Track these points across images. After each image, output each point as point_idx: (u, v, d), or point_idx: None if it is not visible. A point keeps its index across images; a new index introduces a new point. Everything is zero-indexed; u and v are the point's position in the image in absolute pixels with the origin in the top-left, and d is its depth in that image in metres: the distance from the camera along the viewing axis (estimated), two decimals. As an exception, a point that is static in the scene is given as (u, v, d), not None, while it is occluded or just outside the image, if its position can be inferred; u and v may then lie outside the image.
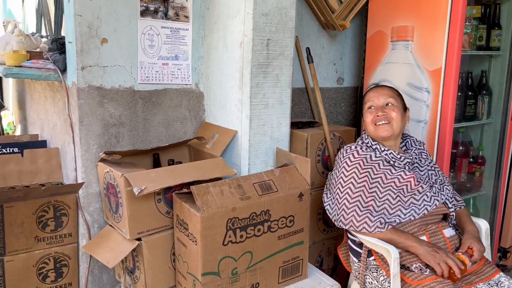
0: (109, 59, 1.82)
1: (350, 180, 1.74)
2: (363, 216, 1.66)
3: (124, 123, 1.90)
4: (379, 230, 1.64)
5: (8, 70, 1.80)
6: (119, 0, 1.80)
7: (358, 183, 1.72)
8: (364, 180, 1.73)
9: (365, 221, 1.66)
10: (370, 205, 1.70)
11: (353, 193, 1.71)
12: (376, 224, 1.64)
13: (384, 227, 1.64)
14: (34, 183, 1.96)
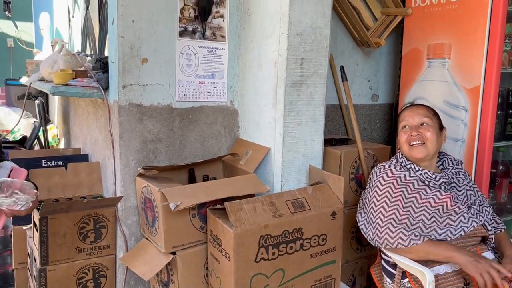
0: (149, 78, 1.89)
1: (383, 199, 1.72)
2: (397, 231, 1.64)
3: (162, 139, 1.96)
4: (414, 242, 1.60)
5: (55, 88, 1.91)
6: (159, 22, 1.88)
7: (391, 202, 1.70)
8: (398, 199, 1.71)
9: (400, 236, 1.63)
10: (404, 223, 1.67)
11: (386, 211, 1.70)
12: (410, 237, 1.61)
13: (420, 239, 1.61)
14: (76, 196, 2.05)
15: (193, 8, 1.95)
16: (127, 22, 1.81)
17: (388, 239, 1.65)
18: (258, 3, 1.95)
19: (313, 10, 1.86)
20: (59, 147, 3.28)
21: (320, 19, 1.89)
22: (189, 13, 1.95)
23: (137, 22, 1.83)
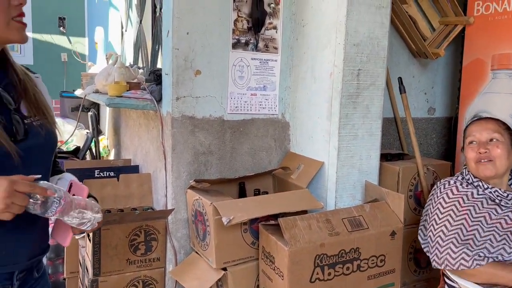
0: (202, 90, 1.88)
1: (446, 217, 1.61)
2: (459, 251, 1.52)
3: (213, 151, 1.94)
4: (478, 263, 1.48)
5: (110, 100, 1.94)
6: (213, 34, 1.87)
7: (455, 221, 1.58)
8: (463, 218, 1.58)
9: (462, 257, 1.51)
10: (468, 243, 1.55)
11: (448, 230, 1.58)
12: (474, 257, 1.49)
13: (484, 260, 1.48)
14: (127, 207, 2.06)
15: (247, 19, 1.93)
16: (181, 34, 1.81)
17: (449, 259, 1.53)
18: (312, 13, 1.91)
19: (371, 20, 1.79)
20: (109, 157, 3.35)
21: (378, 29, 1.82)
22: (243, 24, 1.93)
23: (191, 34, 1.83)
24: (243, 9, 1.92)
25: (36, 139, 1.04)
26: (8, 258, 1.02)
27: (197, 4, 1.82)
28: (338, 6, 1.76)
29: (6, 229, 1.00)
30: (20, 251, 1.05)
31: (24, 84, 1.07)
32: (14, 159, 0.96)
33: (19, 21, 0.99)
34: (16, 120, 1.01)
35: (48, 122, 1.10)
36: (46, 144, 1.08)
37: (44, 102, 1.13)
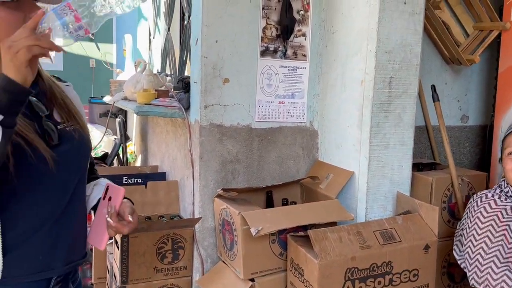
0: (230, 98, 1.87)
1: (485, 233, 1.54)
2: (501, 273, 1.45)
3: (240, 160, 1.92)
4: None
5: (139, 108, 1.95)
6: (241, 42, 1.86)
7: (495, 237, 1.51)
8: (503, 234, 1.51)
9: (503, 279, 1.44)
10: (510, 261, 1.48)
11: (488, 248, 1.51)
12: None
13: None
14: (155, 214, 2.06)
15: (275, 27, 1.91)
16: (210, 42, 1.81)
17: (490, 280, 1.46)
18: (343, 20, 1.87)
19: (403, 27, 1.75)
20: (136, 163, 3.38)
21: (411, 36, 1.77)
22: (271, 32, 1.91)
23: (220, 42, 1.82)
24: (272, 17, 1.90)
25: (70, 144, 1.06)
26: (44, 263, 1.03)
27: (226, 13, 1.81)
28: (370, 13, 1.72)
29: (43, 234, 1.01)
30: (56, 257, 1.05)
31: (52, 91, 1.09)
32: (49, 164, 0.98)
33: None
34: (49, 126, 1.02)
35: (81, 127, 1.12)
36: (80, 148, 1.11)
37: (75, 108, 1.14)
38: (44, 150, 0.97)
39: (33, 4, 0.97)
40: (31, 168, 0.96)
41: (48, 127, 1.02)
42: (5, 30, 0.92)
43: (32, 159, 0.95)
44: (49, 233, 1.02)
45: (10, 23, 0.93)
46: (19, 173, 0.94)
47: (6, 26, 0.92)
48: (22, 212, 0.98)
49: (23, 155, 0.94)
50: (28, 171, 0.96)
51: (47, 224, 1.02)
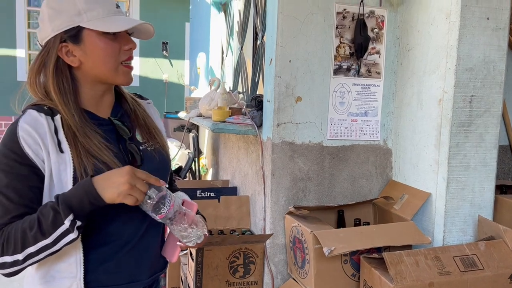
0: (302, 116, 1.90)
1: None
2: None
3: (312, 177, 1.93)
4: None
5: (215, 125, 2.03)
6: (314, 61, 1.88)
7: None
8: None
9: None
10: None
11: None
12: None
13: None
14: (227, 228, 2.12)
15: (349, 45, 1.92)
16: (284, 62, 1.85)
17: None
18: (419, 37, 1.83)
19: (486, 43, 1.67)
20: (207, 176, 3.50)
21: (494, 52, 1.69)
22: (345, 50, 1.92)
23: (294, 62, 1.86)
24: (345, 35, 1.91)
25: (151, 164, 1.09)
26: (131, 276, 1.09)
27: (300, 33, 1.85)
28: (449, 29, 1.67)
29: (129, 250, 1.07)
30: (142, 269, 1.11)
31: (135, 112, 1.14)
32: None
33: (127, 65, 1.04)
34: (132, 148, 1.07)
35: (161, 146, 1.15)
36: (161, 168, 1.13)
37: (156, 127, 1.18)
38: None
39: (128, 38, 1.04)
40: None
41: (132, 149, 1.07)
42: (101, 57, 1.00)
43: None
44: (134, 249, 1.07)
45: (108, 53, 1.00)
46: None
47: (102, 54, 1.00)
48: (110, 231, 1.03)
49: None
50: None
51: (132, 241, 1.07)
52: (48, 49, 0.98)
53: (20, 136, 0.92)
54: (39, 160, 0.93)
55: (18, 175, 0.92)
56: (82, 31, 0.97)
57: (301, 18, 1.85)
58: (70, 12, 0.96)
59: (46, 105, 0.97)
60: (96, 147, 0.97)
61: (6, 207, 0.92)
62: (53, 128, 0.95)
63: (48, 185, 0.94)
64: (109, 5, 1.00)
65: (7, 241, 0.90)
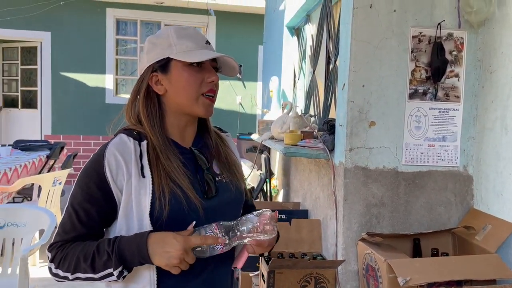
0: (375, 141, 1.87)
1: None
2: None
3: (386, 204, 1.89)
4: None
5: (287, 149, 2.07)
6: (389, 85, 1.86)
7: None
8: None
9: None
10: None
11: None
12: None
13: None
14: (298, 251, 2.13)
15: (425, 69, 1.87)
16: (357, 87, 1.85)
17: None
18: (503, 59, 1.74)
19: None
20: (278, 197, 3.54)
21: None
22: (420, 74, 1.87)
23: (367, 86, 1.86)
24: (421, 59, 1.87)
25: (225, 195, 1.10)
26: None
27: (374, 58, 1.84)
28: (537, 51, 1.58)
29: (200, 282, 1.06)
30: None
31: (217, 147, 1.15)
32: (200, 213, 1.03)
33: (208, 97, 1.06)
34: (209, 178, 1.08)
35: (237, 179, 1.15)
36: (235, 200, 1.13)
37: (235, 161, 1.18)
38: (196, 199, 1.01)
39: (212, 71, 1.06)
40: (184, 216, 1.00)
41: (209, 178, 1.07)
42: (183, 87, 1.04)
43: (185, 208, 1.00)
44: (205, 281, 1.07)
45: (190, 83, 1.03)
46: (173, 221, 0.99)
47: (184, 83, 1.03)
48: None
49: (178, 202, 1.00)
50: (182, 220, 1.00)
51: (203, 273, 1.06)
52: (142, 77, 1.07)
53: (106, 158, 0.99)
54: (115, 186, 0.99)
55: (92, 197, 0.99)
56: (170, 61, 1.04)
57: (374, 43, 1.85)
58: (164, 45, 1.04)
59: (136, 130, 1.05)
60: (176, 171, 1.01)
61: (74, 224, 0.99)
62: (139, 153, 1.01)
63: (125, 208, 1.00)
64: (198, 40, 1.05)
65: (64, 259, 0.98)
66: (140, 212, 0.98)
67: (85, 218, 0.99)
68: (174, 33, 1.05)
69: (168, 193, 0.99)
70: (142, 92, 1.06)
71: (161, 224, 0.98)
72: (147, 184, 0.99)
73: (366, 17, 1.84)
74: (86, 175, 1.01)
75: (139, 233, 0.97)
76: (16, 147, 4.76)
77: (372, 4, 1.84)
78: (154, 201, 0.98)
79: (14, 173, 3.64)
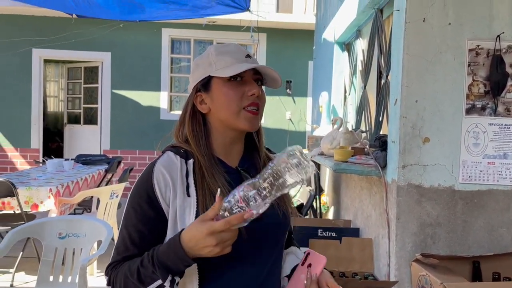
0: (430, 158, 1.81)
1: None
2: None
3: (441, 223, 1.81)
4: None
5: (337, 165, 2.05)
6: (444, 100, 1.80)
7: None
8: None
9: None
10: None
11: None
12: None
13: None
14: (349, 271, 2.08)
15: (483, 83, 1.79)
16: (410, 102, 1.81)
17: None
18: None
19: None
20: (328, 214, 3.49)
21: None
22: (478, 89, 1.80)
23: (420, 101, 1.80)
24: (479, 73, 1.79)
25: (272, 218, 1.05)
26: None
27: (427, 72, 1.79)
28: None
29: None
30: None
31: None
32: (243, 237, 0.98)
33: (250, 110, 1.03)
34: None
35: (285, 202, 1.09)
36: (280, 225, 1.09)
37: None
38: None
39: (253, 83, 1.03)
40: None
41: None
42: (224, 102, 1.02)
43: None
44: None
45: (230, 97, 1.02)
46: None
47: (224, 98, 1.02)
48: (222, 286, 1.00)
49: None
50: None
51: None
52: (189, 98, 1.09)
53: (155, 177, 1.00)
54: (165, 204, 0.99)
55: (145, 216, 0.99)
56: (211, 79, 1.04)
57: (428, 57, 1.80)
58: (205, 64, 1.05)
59: (183, 148, 1.05)
60: (220, 190, 0.98)
61: (127, 246, 1.00)
62: (185, 171, 1.01)
63: (172, 227, 0.99)
64: (238, 54, 1.04)
65: (115, 279, 0.98)
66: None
67: (138, 239, 1.00)
68: (214, 51, 1.06)
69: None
70: (188, 112, 1.07)
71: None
72: (192, 203, 0.99)
73: (419, 31, 1.80)
74: (137, 195, 1.02)
75: (171, 238, 0.95)
76: (78, 161, 5.05)
77: (425, 18, 1.80)
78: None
79: (76, 186, 3.86)
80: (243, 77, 1.04)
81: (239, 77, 1.03)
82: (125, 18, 4.87)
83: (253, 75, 1.06)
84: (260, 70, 1.06)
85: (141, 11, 4.52)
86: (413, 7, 1.81)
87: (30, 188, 3.41)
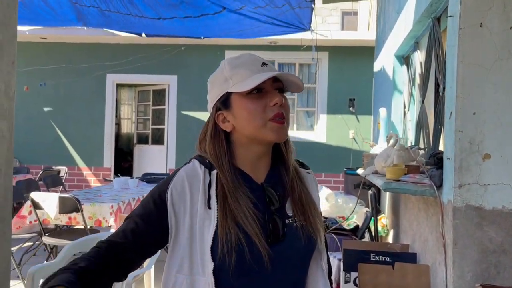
0: (491, 176, 1.62)
1: None
2: None
3: (508, 251, 1.60)
4: None
5: (387, 184, 1.91)
6: (506, 112, 1.61)
7: None
8: None
9: None
10: None
11: None
12: None
13: None
14: (402, 300, 1.90)
15: (554, 92, 1.58)
16: (466, 115, 1.64)
17: None
18: None
19: None
20: (387, 238, 3.27)
21: None
22: (548, 98, 1.59)
23: (479, 114, 1.63)
24: (548, 81, 1.59)
25: (294, 242, 1.00)
26: None
27: (486, 82, 1.63)
28: None
29: None
30: None
31: (292, 184, 1.05)
32: (264, 261, 0.93)
33: (277, 121, 0.98)
34: (276, 220, 0.99)
35: (311, 224, 1.03)
36: (302, 249, 1.02)
37: (312, 202, 1.06)
38: (263, 248, 0.93)
39: (275, 93, 1.00)
40: (245, 265, 0.93)
41: (276, 220, 0.99)
42: (247, 117, 0.98)
43: (247, 256, 0.92)
44: None
45: (252, 111, 0.98)
46: (238, 272, 0.92)
47: (246, 113, 0.98)
48: None
49: (241, 251, 0.92)
50: (242, 268, 0.93)
51: None
52: (209, 118, 1.06)
53: (173, 181, 0.98)
54: (172, 210, 0.96)
55: (147, 214, 0.97)
56: (230, 96, 1.00)
57: (486, 65, 1.63)
58: (220, 81, 1.02)
59: (209, 159, 1.02)
60: (244, 216, 0.94)
61: (118, 232, 0.97)
62: (208, 182, 0.98)
63: (189, 238, 0.96)
64: (252, 65, 1.00)
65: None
66: (202, 244, 0.95)
67: (130, 232, 0.97)
68: (227, 65, 1.02)
69: (235, 239, 0.93)
70: (209, 131, 1.04)
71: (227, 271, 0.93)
72: (212, 216, 0.96)
73: (475, 37, 1.64)
74: (152, 194, 1.01)
75: None
76: (143, 179, 5.26)
77: (482, 23, 1.64)
78: (217, 236, 0.94)
79: (137, 203, 4.00)
80: (263, 88, 0.99)
81: (259, 89, 0.99)
82: (189, 35, 5.24)
83: (273, 84, 1.01)
84: (279, 77, 1.00)
85: (205, 30, 4.82)
86: (468, 11, 1.66)
87: (94, 205, 3.60)
